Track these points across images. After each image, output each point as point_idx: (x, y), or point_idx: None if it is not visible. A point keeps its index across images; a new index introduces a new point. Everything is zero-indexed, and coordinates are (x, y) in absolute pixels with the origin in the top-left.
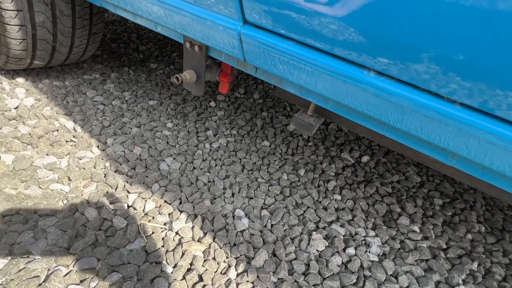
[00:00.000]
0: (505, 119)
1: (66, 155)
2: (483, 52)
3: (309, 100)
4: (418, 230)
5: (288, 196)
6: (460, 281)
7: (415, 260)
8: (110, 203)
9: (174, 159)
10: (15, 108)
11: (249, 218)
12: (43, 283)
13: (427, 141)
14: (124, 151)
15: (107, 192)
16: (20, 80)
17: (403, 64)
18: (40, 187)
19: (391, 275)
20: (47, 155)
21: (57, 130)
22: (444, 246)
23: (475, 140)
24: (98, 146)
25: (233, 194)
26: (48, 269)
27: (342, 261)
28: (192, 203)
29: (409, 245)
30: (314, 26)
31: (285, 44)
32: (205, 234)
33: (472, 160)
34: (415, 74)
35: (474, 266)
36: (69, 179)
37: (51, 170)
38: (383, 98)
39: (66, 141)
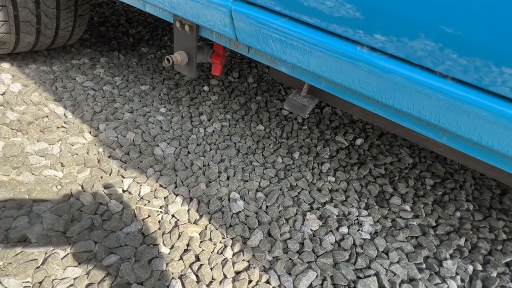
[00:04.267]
0: (495, 93)
1: (57, 141)
2: (476, 26)
3: (302, 80)
4: (409, 209)
5: (283, 179)
6: (448, 256)
7: (406, 237)
8: (105, 188)
9: (168, 144)
10: (1, 94)
11: (244, 200)
12: (41, 266)
13: (419, 118)
14: (117, 137)
15: (101, 177)
16: (5, 65)
17: (397, 39)
18: (32, 173)
19: (382, 251)
20: (38, 141)
21: (47, 116)
22: (434, 224)
23: (465, 115)
24: (90, 132)
25: (228, 178)
26: (45, 253)
27: (335, 240)
28: (187, 186)
29: (400, 223)
30: (308, 2)
31: (278, 21)
32: (201, 216)
33: (462, 136)
34: (409, 49)
35: (462, 241)
36: (62, 165)
37: (43, 156)
38: (375, 75)
39: (57, 127)
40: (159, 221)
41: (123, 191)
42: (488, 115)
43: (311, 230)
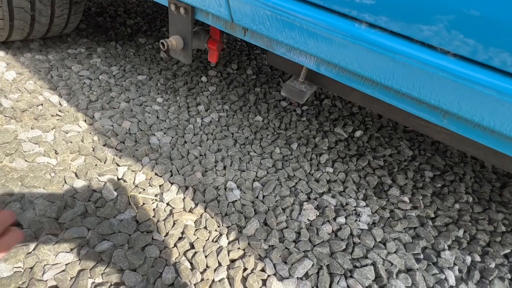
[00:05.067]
0: (497, 68)
1: (52, 129)
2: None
3: (300, 66)
4: (408, 201)
5: (280, 169)
6: (446, 247)
7: (404, 228)
8: (99, 175)
9: (164, 133)
10: None
11: (240, 189)
12: (32, 251)
13: (419, 98)
14: (112, 125)
15: (95, 165)
16: (0, 53)
17: (396, 16)
18: (25, 160)
19: (379, 241)
20: (31, 128)
21: (42, 104)
22: (432, 215)
23: (467, 93)
24: (85, 120)
25: (224, 167)
26: (37, 238)
27: (332, 229)
28: (183, 175)
29: (398, 214)
30: None
31: None
32: (196, 204)
33: (463, 117)
34: (408, 24)
35: (460, 233)
36: (55, 152)
37: (36, 143)
38: (374, 52)
39: (52, 115)
40: (153, 209)
41: (118, 179)
42: (491, 93)
43: (308, 220)
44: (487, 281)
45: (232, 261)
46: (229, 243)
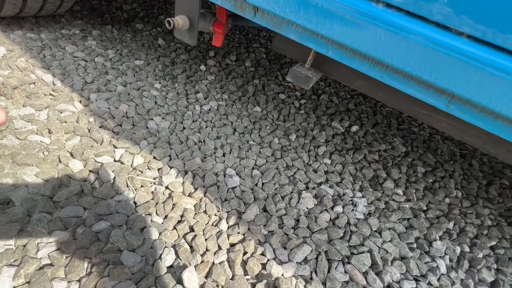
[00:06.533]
0: (507, 50)
1: (45, 108)
2: None
3: (307, 51)
4: (402, 193)
5: (279, 158)
6: (437, 237)
7: (398, 219)
8: (96, 156)
9: (163, 118)
10: None
11: (240, 176)
12: (25, 228)
13: (428, 81)
14: (109, 108)
15: (91, 146)
16: None
17: None
18: (17, 138)
19: (375, 230)
20: (23, 106)
21: (34, 83)
22: (425, 208)
23: (478, 74)
24: (80, 101)
25: (224, 154)
26: (30, 216)
27: (330, 218)
28: (182, 160)
29: (393, 205)
30: None
31: None
32: (196, 189)
33: (470, 101)
34: (425, 6)
35: (450, 225)
36: (49, 131)
37: (28, 121)
38: (390, 33)
39: (45, 94)
40: (152, 192)
41: (115, 160)
42: (504, 75)
43: (306, 207)
44: (475, 270)
45: (232, 245)
46: (228, 227)
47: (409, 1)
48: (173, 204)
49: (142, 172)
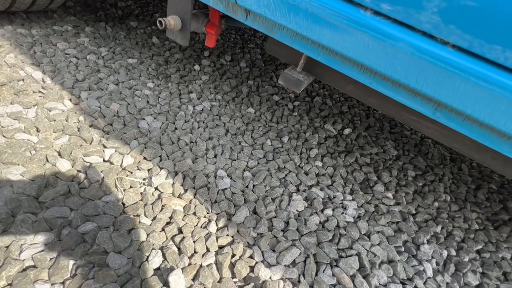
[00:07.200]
0: (496, 62)
1: (33, 106)
2: None
3: (299, 55)
4: (392, 197)
5: (271, 160)
6: (425, 241)
7: (387, 222)
8: (84, 156)
9: (154, 118)
10: None
11: (231, 178)
12: (8, 229)
13: (415, 89)
14: (100, 107)
15: (80, 145)
16: None
17: (402, 5)
18: (3, 135)
19: (364, 234)
20: (11, 103)
21: (23, 80)
22: (414, 212)
23: (463, 83)
24: (70, 99)
25: (215, 155)
26: (14, 216)
27: (320, 221)
28: (173, 161)
29: (383, 209)
30: None
31: None
32: (185, 190)
33: (455, 109)
34: (413, 15)
35: (438, 229)
36: (37, 130)
37: (16, 119)
38: (377, 40)
39: (34, 92)
40: (141, 193)
41: (104, 160)
42: (487, 85)
43: (296, 210)
44: (461, 273)
45: (221, 247)
46: (218, 229)
47: (397, 9)
48: (162, 206)
49: (131, 173)
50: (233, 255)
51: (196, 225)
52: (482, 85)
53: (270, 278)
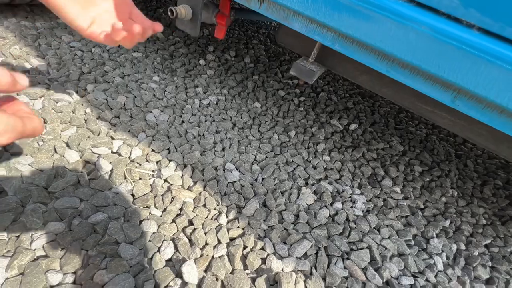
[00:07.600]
0: None
1: (40, 97)
2: None
3: (312, 45)
4: (400, 191)
5: (279, 154)
6: (434, 235)
7: (396, 216)
8: (93, 147)
9: (161, 111)
10: None
11: (239, 171)
12: (19, 219)
13: (436, 75)
14: (106, 99)
15: (88, 137)
16: None
17: None
18: None
19: (374, 227)
20: (17, 94)
21: (29, 71)
22: (422, 206)
23: (488, 67)
24: (77, 92)
25: (223, 149)
26: (23, 206)
27: (329, 214)
28: (181, 153)
29: (391, 203)
30: None
31: None
32: (195, 183)
33: (476, 96)
34: None
35: (447, 223)
36: (44, 121)
37: None
38: (399, 24)
39: (39, 83)
40: (150, 185)
41: (113, 152)
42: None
43: (306, 203)
44: (471, 267)
45: (232, 239)
46: (228, 221)
47: None
48: (172, 197)
49: (140, 165)
50: (245, 247)
51: (207, 217)
52: (507, 68)
53: (283, 270)
